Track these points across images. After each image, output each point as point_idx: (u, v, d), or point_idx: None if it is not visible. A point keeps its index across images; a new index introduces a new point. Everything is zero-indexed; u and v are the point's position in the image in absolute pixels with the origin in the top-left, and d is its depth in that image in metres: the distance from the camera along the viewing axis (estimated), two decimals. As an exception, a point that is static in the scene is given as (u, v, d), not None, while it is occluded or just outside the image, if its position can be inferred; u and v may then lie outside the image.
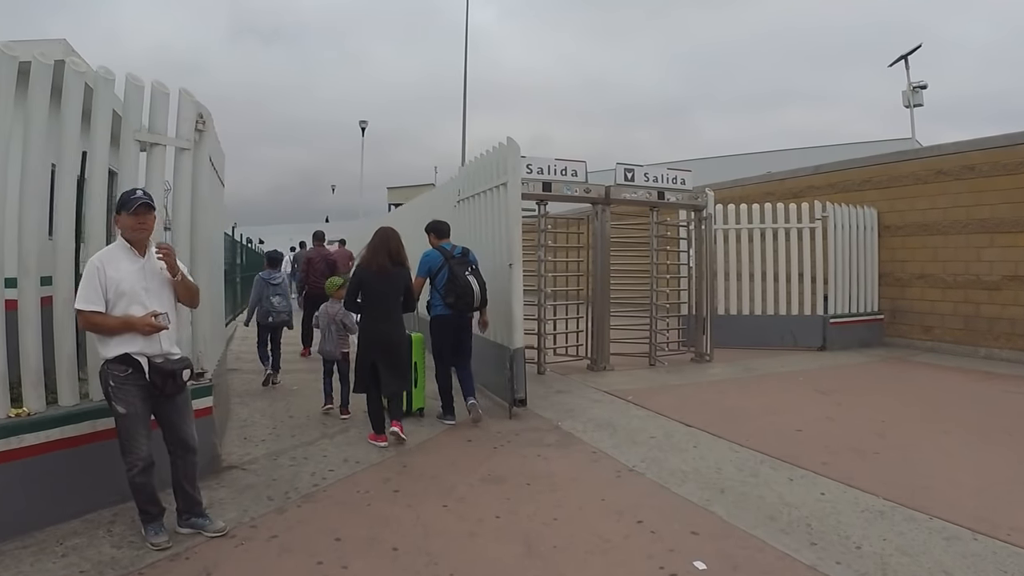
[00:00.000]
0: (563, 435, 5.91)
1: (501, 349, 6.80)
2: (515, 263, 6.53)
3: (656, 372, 9.06)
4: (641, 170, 9.29)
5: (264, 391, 7.77)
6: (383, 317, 5.74)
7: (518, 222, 6.68)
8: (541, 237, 8.58)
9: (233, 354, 10.13)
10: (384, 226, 6.16)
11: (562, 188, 8.55)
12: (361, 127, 35.79)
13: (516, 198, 6.64)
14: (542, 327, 8.68)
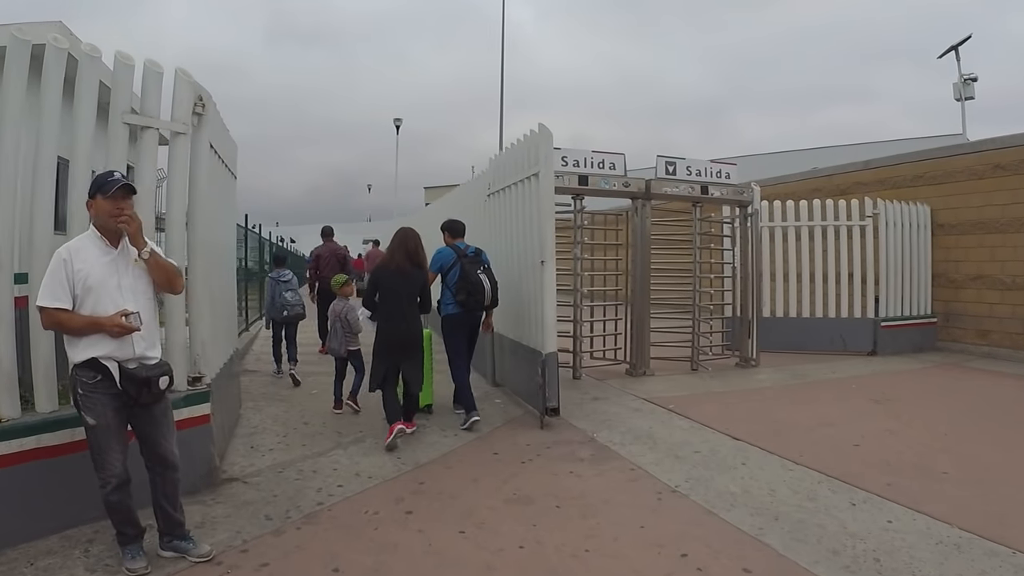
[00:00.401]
0: (598, 448, 5.36)
1: (532, 354, 6.27)
2: (547, 260, 6.00)
3: (699, 378, 8.45)
4: (683, 163, 8.70)
5: (281, 395, 7.39)
6: (400, 316, 5.73)
7: (551, 215, 6.16)
8: (577, 234, 8.05)
9: (254, 355, 9.84)
10: (403, 227, 6.13)
11: (599, 182, 8.01)
12: (395, 125, 35.52)
13: (549, 189, 6.12)
14: (578, 329, 8.13)
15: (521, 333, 6.66)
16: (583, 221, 8.15)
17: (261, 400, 7.06)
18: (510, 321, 7.05)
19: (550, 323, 6.00)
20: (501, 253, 7.25)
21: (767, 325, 9.93)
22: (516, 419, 6.24)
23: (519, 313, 6.71)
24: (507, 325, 7.17)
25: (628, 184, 8.21)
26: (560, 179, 7.55)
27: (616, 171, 8.21)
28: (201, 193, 4.53)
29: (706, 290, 9.35)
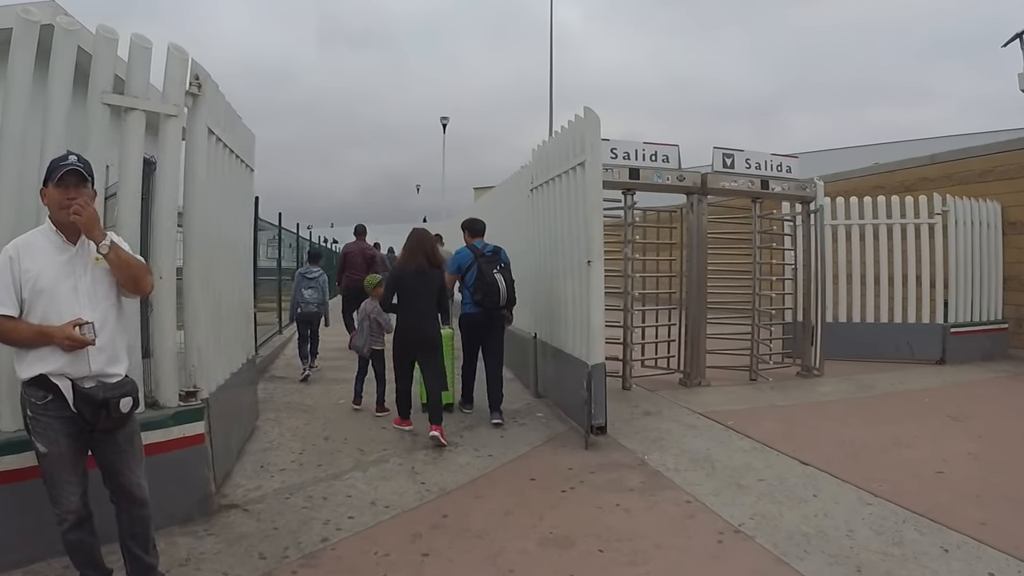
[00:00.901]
0: (649, 474, 4.68)
1: (577, 364, 5.62)
2: (595, 260, 5.33)
3: (758, 389, 7.67)
4: (741, 156, 7.94)
5: (305, 405, 6.89)
6: (418, 316, 5.76)
7: (598, 209, 5.50)
8: (627, 232, 7.37)
9: (285, 359, 9.40)
10: (418, 227, 6.22)
11: (652, 175, 7.32)
12: (442, 124, 35.07)
13: (596, 180, 5.46)
14: (628, 336, 7.45)
15: (565, 341, 6.03)
16: (634, 218, 7.45)
17: (283, 411, 6.58)
18: (553, 327, 6.44)
19: (597, 330, 5.34)
20: (544, 252, 6.64)
21: (828, 331, 9.03)
22: (559, 436, 5.61)
23: (563, 319, 6.09)
24: (550, 331, 6.55)
25: (683, 178, 7.51)
26: (609, 172, 6.90)
27: (670, 164, 7.52)
28: (198, 183, 4.03)
29: (766, 293, 8.58)
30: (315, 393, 7.35)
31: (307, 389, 7.55)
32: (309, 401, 7.00)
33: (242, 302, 5.45)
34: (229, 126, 4.80)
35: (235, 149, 5.00)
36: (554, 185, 6.37)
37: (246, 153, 5.52)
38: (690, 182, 7.55)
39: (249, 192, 5.76)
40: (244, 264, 5.58)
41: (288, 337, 11.31)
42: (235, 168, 5.12)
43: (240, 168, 5.33)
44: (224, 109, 4.61)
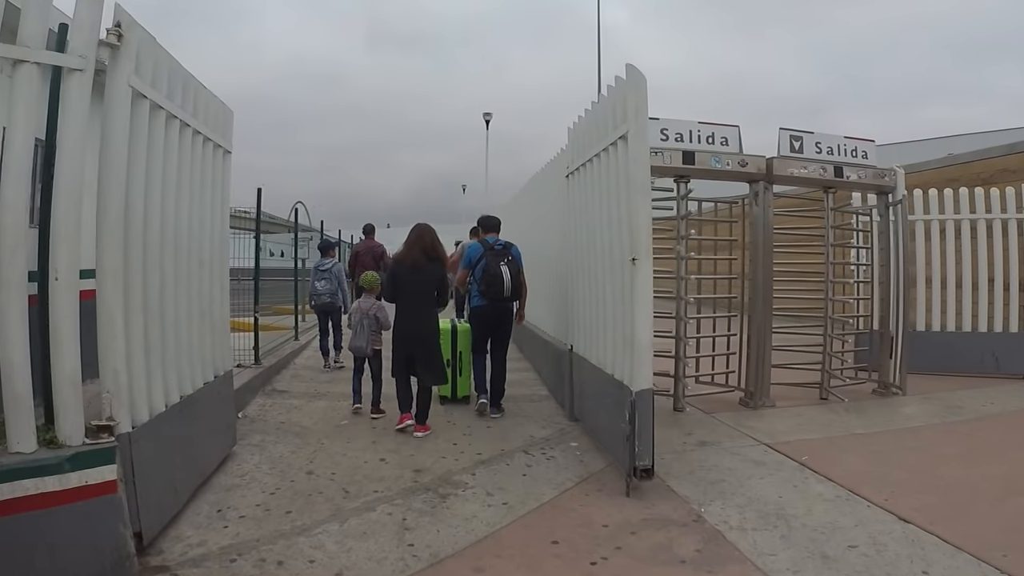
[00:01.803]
0: (707, 536, 3.58)
1: (618, 388, 4.52)
2: (641, 258, 4.21)
3: (832, 411, 6.47)
4: (811, 138, 6.75)
5: (301, 425, 5.95)
6: (416, 310, 5.84)
7: (644, 192, 4.34)
8: (681, 227, 6.26)
9: (293, 371, 8.52)
10: (420, 223, 6.12)
11: (709, 160, 6.21)
12: (485, 120, 34.06)
13: (641, 156, 4.30)
14: (682, 348, 6.34)
15: (604, 358, 4.96)
16: (688, 210, 6.36)
17: (272, 433, 5.66)
18: (591, 340, 5.38)
19: (644, 346, 4.23)
20: (582, 249, 5.59)
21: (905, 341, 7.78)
22: (594, 477, 4.55)
23: (602, 330, 5.02)
24: (588, 344, 5.50)
25: (745, 163, 6.38)
26: (658, 156, 5.87)
27: (729, 147, 6.40)
28: (114, 158, 3.12)
29: (840, 298, 7.37)
30: (316, 412, 6.42)
31: (308, 406, 6.64)
32: (306, 421, 6.07)
33: (207, 310, 4.53)
34: (178, 93, 3.89)
35: (191, 122, 4.09)
36: (592, 167, 5.28)
37: (215, 130, 4.62)
38: (754, 168, 6.41)
39: (221, 179, 4.83)
40: (212, 265, 4.66)
41: (304, 344, 10.50)
42: (192, 147, 4.19)
43: (203, 148, 4.41)
44: (168, 70, 3.69)
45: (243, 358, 7.73)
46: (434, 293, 5.87)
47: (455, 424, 6.04)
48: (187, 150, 4.10)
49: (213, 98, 4.59)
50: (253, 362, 7.75)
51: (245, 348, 7.90)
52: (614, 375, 4.70)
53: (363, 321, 6.53)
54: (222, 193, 4.89)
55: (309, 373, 8.29)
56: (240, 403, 6.41)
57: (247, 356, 7.79)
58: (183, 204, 4.04)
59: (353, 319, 6.69)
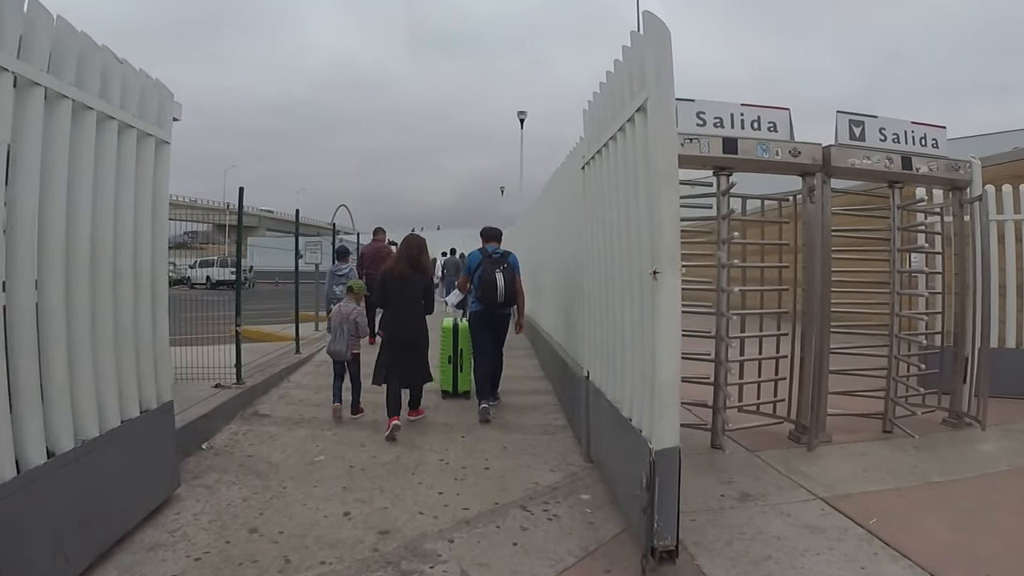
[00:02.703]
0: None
1: (635, 439, 3.52)
2: (665, 269, 3.17)
3: (899, 449, 5.33)
4: (874, 123, 5.66)
5: (269, 461, 5.03)
6: (402, 317, 6.11)
7: (666, 180, 3.23)
8: (722, 229, 5.21)
9: (282, 391, 7.64)
10: (410, 234, 6.54)
11: (754, 149, 5.17)
12: (520, 119, 33.16)
13: (665, 132, 3.21)
14: (722, 374, 5.25)
15: (620, 395, 3.98)
16: (730, 209, 5.32)
17: (231, 471, 4.79)
18: (607, 369, 4.38)
19: (667, 389, 3.18)
20: (597, 255, 4.58)
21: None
22: (604, 548, 3.55)
23: (618, 359, 4.04)
24: (603, 375, 4.51)
25: (798, 152, 5.32)
26: (694, 143, 4.91)
27: (778, 134, 5.38)
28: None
29: (907, 313, 6.23)
30: (291, 443, 5.52)
31: (286, 435, 5.75)
32: (277, 455, 5.18)
33: (127, 331, 3.68)
34: (69, 66, 3.05)
35: (95, 104, 3.26)
36: (607, 154, 4.27)
37: (142, 115, 3.80)
38: (808, 158, 5.35)
39: (152, 174, 3.96)
40: (139, 276, 3.80)
41: (307, 357, 9.63)
42: (99, 135, 3.36)
43: (119, 137, 3.59)
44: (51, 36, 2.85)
45: (224, 376, 6.89)
46: (421, 300, 6.19)
47: (449, 454, 5.14)
48: (86, 138, 3.25)
49: (136, 75, 3.75)
50: (235, 382, 6.88)
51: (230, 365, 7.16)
52: (631, 420, 3.70)
53: (343, 325, 6.60)
54: (155, 191, 4.02)
55: (301, 393, 7.42)
56: (208, 431, 5.63)
57: (229, 374, 6.94)
58: (81, 205, 3.20)
59: (333, 323, 6.75)
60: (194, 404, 5.90)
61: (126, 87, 3.64)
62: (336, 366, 6.68)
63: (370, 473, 4.73)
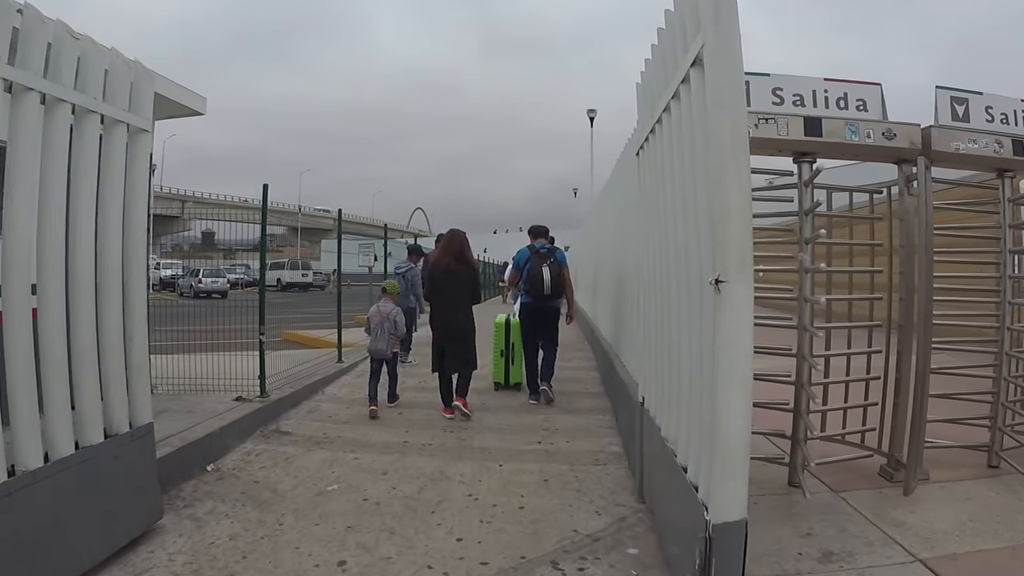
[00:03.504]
0: None
1: (690, 497, 2.72)
2: (730, 277, 2.35)
3: (1010, 490, 4.33)
4: (979, 101, 4.68)
5: (275, 491, 4.43)
6: (450, 309, 6.53)
7: (732, 153, 2.39)
8: (806, 226, 4.29)
9: (313, 404, 7.10)
10: (453, 229, 6.78)
11: (842, 130, 4.31)
12: (589, 117, 32.38)
13: (727, 88, 2.38)
14: (804, 399, 4.32)
15: (675, 434, 3.20)
16: (817, 200, 4.42)
17: (232, 499, 4.26)
18: (662, 398, 3.59)
19: (731, 447, 2.34)
20: (654, 258, 3.82)
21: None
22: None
23: (673, 390, 3.25)
24: (657, 405, 3.74)
25: (892, 134, 4.42)
26: (770, 124, 4.11)
27: (868, 113, 4.52)
28: None
29: (1019, 327, 5.19)
30: (306, 468, 4.93)
31: (303, 458, 5.17)
32: (286, 482, 4.60)
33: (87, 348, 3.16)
34: None
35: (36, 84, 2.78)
36: (659, 131, 3.50)
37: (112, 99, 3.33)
38: (904, 141, 4.42)
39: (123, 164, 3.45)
40: (106, 285, 3.29)
41: (348, 366, 9.13)
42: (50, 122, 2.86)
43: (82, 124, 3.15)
44: None
45: (249, 388, 6.39)
46: (468, 292, 6.61)
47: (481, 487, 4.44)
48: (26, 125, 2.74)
49: (100, 53, 3.24)
50: (258, 394, 6.36)
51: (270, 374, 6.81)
52: (687, 470, 2.92)
53: (383, 324, 6.85)
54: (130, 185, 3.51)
55: (332, 407, 6.87)
56: (217, 451, 5.13)
57: (253, 386, 6.43)
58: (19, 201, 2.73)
59: (372, 322, 6.91)
60: (207, 419, 5.42)
61: (86, 67, 3.15)
62: (374, 364, 6.83)
63: (384, 509, 4.09)
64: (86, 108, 3.16)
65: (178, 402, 6.06)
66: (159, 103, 6.42)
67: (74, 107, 3.08)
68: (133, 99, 3.55)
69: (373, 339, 6.85)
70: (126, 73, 3.48)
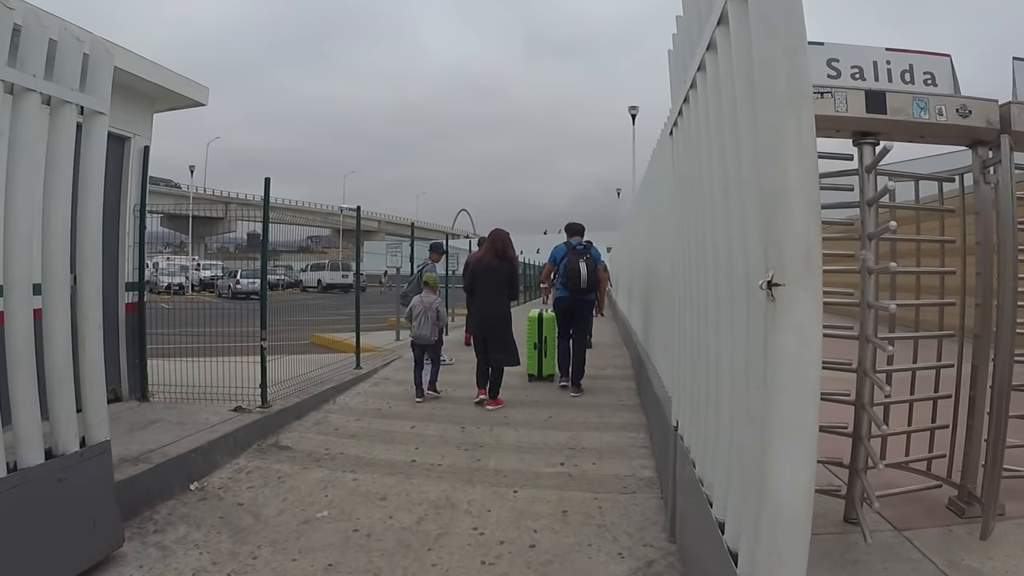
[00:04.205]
0: None
1: (723, 563, 2.13)
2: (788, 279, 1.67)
3: None
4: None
5: (259, 517, 3.95)
6: (488, 301, 7.04)
7: (790, 104, 1.69)
8: (869, 219, 3.64)
9: (321, 416, 6.58)
10: (496, 229, 7.34)
11: (909, 106, 3.68)
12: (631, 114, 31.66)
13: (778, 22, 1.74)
14: (866, 423, 3.67)
15: (711, 475, 2.59)
16: (880, 189, 3.74)
17: (207, 525, 3.80)
18: (696, 430, 3.01)
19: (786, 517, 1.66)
20: (690, 255, 3.25)
21: None
22: None
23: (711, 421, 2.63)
24: (692, 435, 3.14)
25: (968, 111, 3.75)
26: (826, 99, 3.48)
27: (938, 88, 3.89)
28: None
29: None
30: (297, 490, 4.44)
31: (296, 477, 4.70)
32: (271, 507, 4.12)
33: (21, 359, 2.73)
34: None
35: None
36: (694, 98, 2.91)
37: (55, 75, 2.97)
38: (981, 119, 3.71)
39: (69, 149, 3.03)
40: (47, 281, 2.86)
41: (366, 373, 8.65)
42: None
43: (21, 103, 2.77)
44: None
45: (250, 398, 5.95)
46: (506, 287, 7.10)
47: (490, 517, 3.89)
48: None
49: (40, 25, 2.84)
50: (259, 404, 5.91)
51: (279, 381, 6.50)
52: (724, 530, 2.28)
53: (427, 313, 7.46)
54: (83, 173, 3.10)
55: (341, 419, 6.38)
56: (204, 467, 4.69)
57: (257, 394, 5.99)
58: None
59: (415, 311, 7.51)
60: (196, 432, 4.99)
61: (26, 39, 2.75)
62: (417, 351, 7.51)
63: (374, 543, 3.58)
64: (24, 87, 2.72)
65: (173, 411, 5.65)
66: (159, 95, 6.13)
67: (11, 86, 2.67)
68: (87, 77, 3.13)
69: (417, 326, 7.46)
70: (76, 47, 3.05)
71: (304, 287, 32.47)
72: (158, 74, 5.83)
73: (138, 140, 6.01)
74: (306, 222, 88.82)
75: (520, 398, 7.43)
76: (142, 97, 6.00)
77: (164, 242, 36.06)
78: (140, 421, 5.26)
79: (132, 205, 5.95)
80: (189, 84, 6.28)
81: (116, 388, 5.89)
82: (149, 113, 6.19)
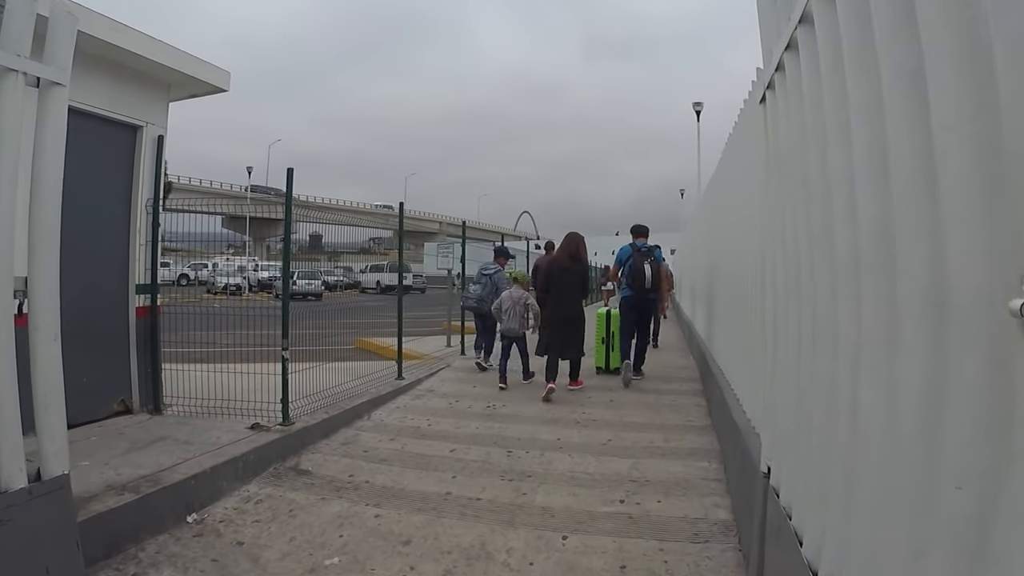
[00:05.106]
0: None
1: None
2: None
3: None
4: None
5: (250, 561, 3.32)
6: (563, 301, 7.57)
7: None
8: None
9: (351, 435, 5.88)
10: (570, 232, 7.83)
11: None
12: (695, 110, 30.28)
13: None
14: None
15: (835, 562, 1.82)
16: None
17: (195, 572, 3.19)
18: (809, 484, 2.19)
19: None
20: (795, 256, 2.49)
21: None
22: None
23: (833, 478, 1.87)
24: (796, 488, 2.38)
25: None
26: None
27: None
28: None
29: None
30: (309, 528, 3.80)
31: (310, 511, 4.05)
32: (275, 548, 3.50)
33: None
34: None
35: None
36: (806, 44, 2.14)
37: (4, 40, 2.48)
38: None
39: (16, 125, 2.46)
40: None
41: (408, 384, 8.00)
42: None
43: None
44: None
45: (269, 414, 5.36)
46: (579, 286, 7.62)
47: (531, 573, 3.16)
48: None
49: None
50: (280, 421, 5.31)
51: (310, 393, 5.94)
52: None
53: (515, 307, 8.01)
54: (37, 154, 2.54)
55: (374, 438, 5.71)
56: (207, 495, 4.13)
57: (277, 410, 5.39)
58: None
59: (504, 306, 8.08)
60: (201, 454, 4.39)
61: None
62: (505, 343, 8.18)
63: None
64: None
65: (183, 428, 5.08)
66: (174, 80, 5.60)
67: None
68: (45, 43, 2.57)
69: (507, 320, 8.06)
70: (25, 5, 2.46)
71: (363, 288, 32.55)
72: (172, 57, 5.31)
73: (151, 129, 5.49)
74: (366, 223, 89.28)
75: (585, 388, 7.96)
76: (155, 82, 5.49)
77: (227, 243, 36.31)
78: (144, 439, 4.71)
79: (145, 200, 5.43)
80: (207, 68, 5.73)
81: (126, 399, 5.37)
82: (164, 100, 5.67)
